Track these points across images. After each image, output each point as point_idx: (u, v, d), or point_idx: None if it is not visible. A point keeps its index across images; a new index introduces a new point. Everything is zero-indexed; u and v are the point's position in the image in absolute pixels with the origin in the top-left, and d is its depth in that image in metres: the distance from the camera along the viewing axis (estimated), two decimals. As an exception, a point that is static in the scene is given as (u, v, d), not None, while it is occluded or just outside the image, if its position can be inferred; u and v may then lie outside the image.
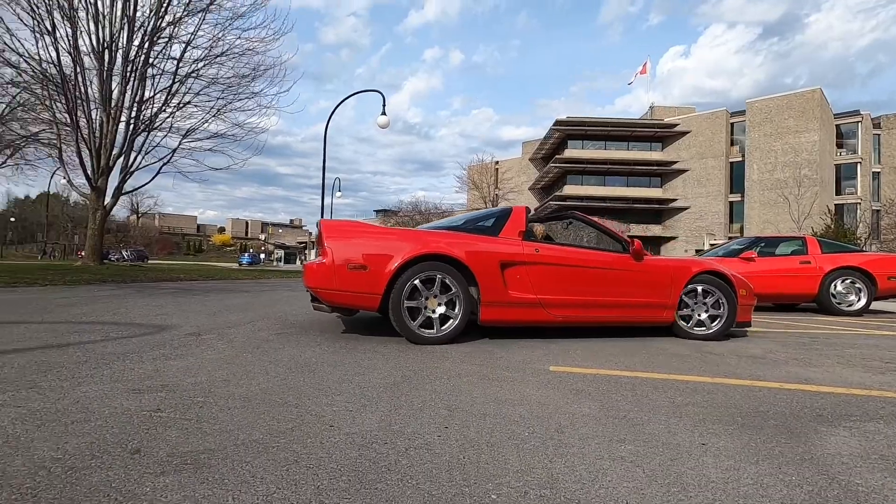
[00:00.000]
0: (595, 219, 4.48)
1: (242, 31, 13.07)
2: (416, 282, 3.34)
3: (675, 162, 47.20)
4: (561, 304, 3.74)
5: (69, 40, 11.04)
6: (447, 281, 3.40)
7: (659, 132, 48.00)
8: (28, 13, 10.47)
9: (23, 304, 4.92)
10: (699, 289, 4.07)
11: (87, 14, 11.33)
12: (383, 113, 15.48)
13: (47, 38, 10.84)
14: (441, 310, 3.42)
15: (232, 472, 1.27)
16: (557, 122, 47.55)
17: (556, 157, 49.20)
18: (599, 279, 3.87)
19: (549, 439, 1.60)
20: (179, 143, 13.01)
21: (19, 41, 11.23)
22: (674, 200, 47.38)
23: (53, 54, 10.95)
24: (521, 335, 3.88)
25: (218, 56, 12.43)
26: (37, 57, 11.35)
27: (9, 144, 32.54)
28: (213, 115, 13.36)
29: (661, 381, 2.50)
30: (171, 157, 13.14)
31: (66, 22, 10.88)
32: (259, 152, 14.84)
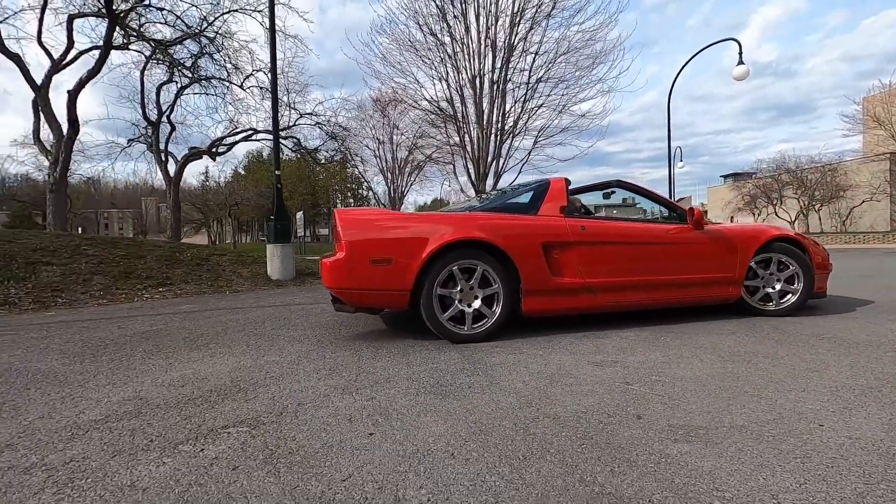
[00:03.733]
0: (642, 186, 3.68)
1: (580, 25, 13.70)
2: (449, 273, 2.95)
3: None
4: (613, 287, 3.30)
5: (456, 80, 14.24)
6: (484, 270, 2.99)
7: None
8: (431, 67, 14.15)
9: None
10: (770, 258, 3.67)
11: (463, 53, 14.28)
12: (740, 62, 13.26)
13: (442, 83, 14.35)
14: (478, 303, 3.00)
15: (741, 452, 1.39)
16: None
17: None
18: (655, 256, 3.43)
19: None
20: (535, 143, 14.88)
21: (423, 89, 15.25)
22: None
23: (446, 93, 14.40)
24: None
25: (563, 54, 13.51)
26: (435, 98, 15.15)
27: (417, 165, 44.37)
28: (559, 112, 14.60)
29: None
30: (528, 157, 15.21)
31: (453, 66, 14.05)
32: (602, 137, 15.24)
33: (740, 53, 12.95)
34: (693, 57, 14.45)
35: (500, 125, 14.60)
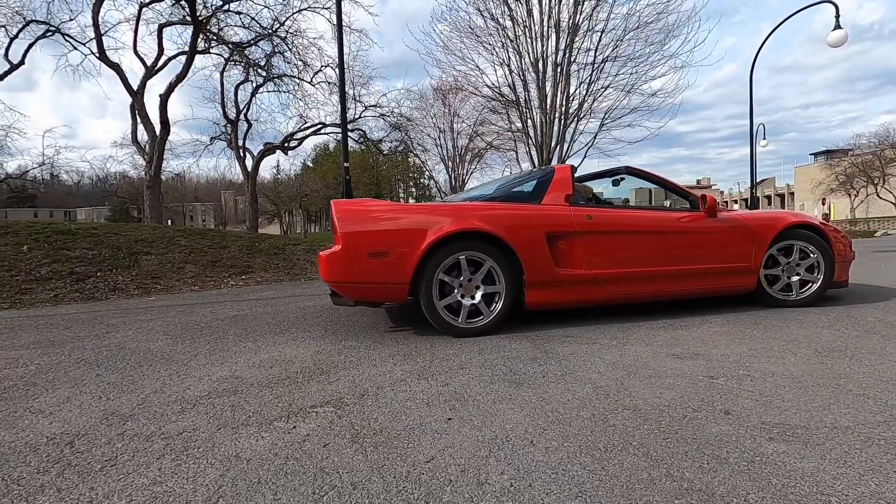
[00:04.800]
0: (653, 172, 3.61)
1: (650, -3, 12.89)
2: (449, 265, 2.86)
3: None
4: (622, 278, 3.19)
5: (518, 65, 13.98)
6: (485, 262, 2.90)
7: None
8: (492, 53, 13.98)
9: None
10: (788, 246, 3.49)
11: (525, 36, 13.97)
12: (837, 27, 11.94)
13: (504, 68, 14.14)
14: (479, 296, 2.92)
15: (848, 455, 1.28)
16: None
17: None
18: (665, 245, 3.31)
19: None
20: (600, 126, 14.31)
21: (485, 75, 15.10)
22: None
23: (508, 78, 14.17)
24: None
25: (631, 30, 12.83)
26: (496, 84, 14.95)
27: (478, 153, 44.34)
28: (627, 92, 13.91)
29: None
30: (593, 141, 14.68)
31: (515, 50, 13.80)
32: (674, 116, 14.40)
33: (837, 17, 11.67)
34: (780, 24, 13.20)
35: (563, 109, 14.17)
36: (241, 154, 15.09)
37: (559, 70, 13.90)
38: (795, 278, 3.52)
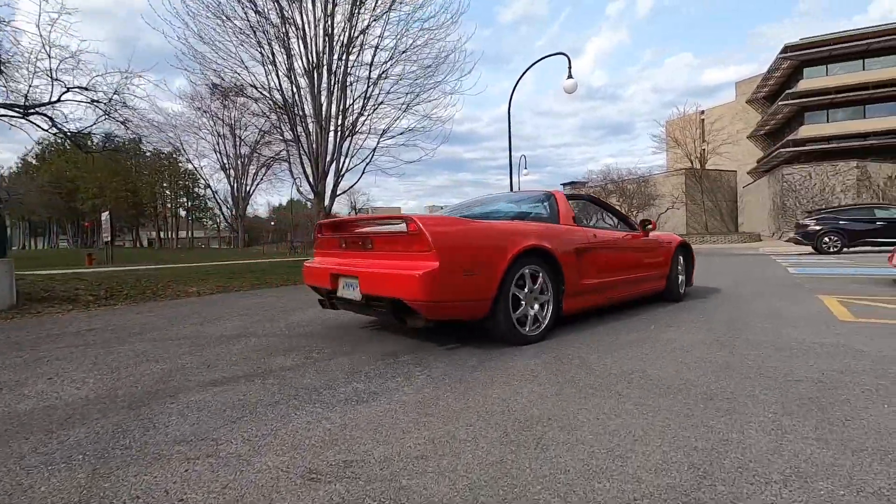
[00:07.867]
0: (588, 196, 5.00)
1: (423, 21, 13.20)
2: (518, 280, 3.06)
3: None
4: (610, 286, 3.86)
5: (286, 66, 12.62)
6: (542, 275, 3.20)
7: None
8: (256, 49, 12.30)
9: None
10: (680, 257, 4.89)
11: (297, 39, 12.79)
12: (569, 76, 14.05)
13: (271, 68, 12.60)
14: (537, 306, 3.20)
15: None
16: (787, 48, 37.59)
17: (788, 92, 39.25)
18: (631, 258, 4.20)
19: None
20: (378, 143, 13.95)
21: (254, 76, 13.31)
22: None
23: (277, 81, 12.67)
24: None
25: (403, 52, 12.82)
26: (267, 87, 13.29)
27: (264, 164, 40.84)
28: (403, 111, 13.92)
29: None
30: (371, 157, 14.21)
31: (282, 50, 12.45)
32: (446, 140, 15.14)
33: (569, 67, 13.71)
34: (529, 68, 15.00)
35: (340, 122, 13.42)
36: None
37: (334, 79, 13.13)
38: (682, 278, 4.95)
